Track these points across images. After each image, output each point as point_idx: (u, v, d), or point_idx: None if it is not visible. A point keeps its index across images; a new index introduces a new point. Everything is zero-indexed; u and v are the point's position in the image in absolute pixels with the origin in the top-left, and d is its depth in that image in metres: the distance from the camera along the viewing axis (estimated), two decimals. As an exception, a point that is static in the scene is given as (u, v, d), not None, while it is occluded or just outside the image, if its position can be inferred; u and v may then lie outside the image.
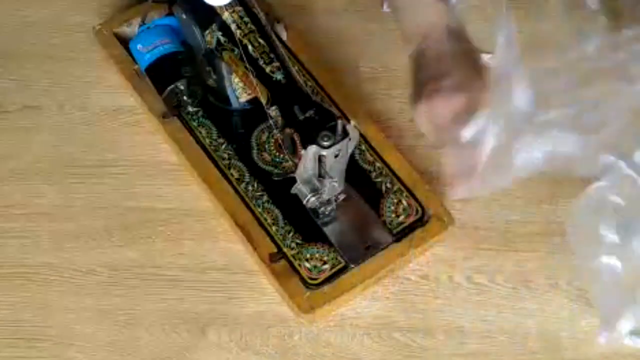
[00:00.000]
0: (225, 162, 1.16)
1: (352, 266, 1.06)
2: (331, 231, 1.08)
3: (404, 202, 1.11)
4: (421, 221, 1.10)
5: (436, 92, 0.96)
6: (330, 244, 1.08)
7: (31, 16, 1.35)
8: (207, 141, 1.18)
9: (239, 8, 1.05)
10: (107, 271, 1.11)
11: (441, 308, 1.07)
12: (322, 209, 1.07)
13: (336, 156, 0.99)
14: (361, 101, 1.23)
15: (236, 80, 1.16)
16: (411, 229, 1.09)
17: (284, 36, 1.25)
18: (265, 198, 1.13)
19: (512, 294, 1.09)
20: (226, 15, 1.05)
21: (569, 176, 1.08)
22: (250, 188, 1.14)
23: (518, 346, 1.05)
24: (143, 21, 1.22)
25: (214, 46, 1.10)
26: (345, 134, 0.97)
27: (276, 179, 1.14)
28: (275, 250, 1.08)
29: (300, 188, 1.04)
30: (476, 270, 1.10)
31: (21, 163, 1.20)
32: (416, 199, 1.11)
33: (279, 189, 1.11)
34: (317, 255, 1.08)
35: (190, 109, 1.19)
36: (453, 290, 1.08)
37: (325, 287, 1.05)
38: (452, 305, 1.08)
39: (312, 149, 0.97)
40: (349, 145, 0.99)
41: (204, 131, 1.19)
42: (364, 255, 1.06)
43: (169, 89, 1.16)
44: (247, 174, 1.15)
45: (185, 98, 1.18)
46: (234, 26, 1.05)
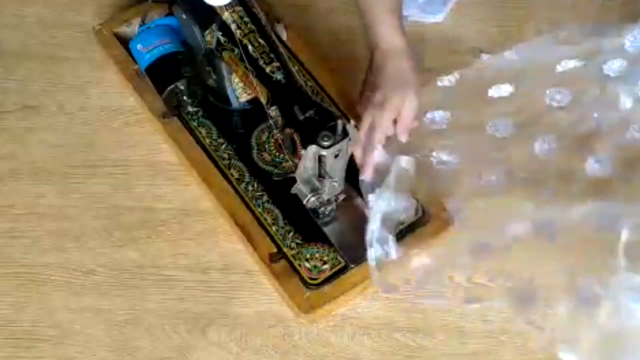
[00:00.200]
0: (225, 162, 1.16)
1: (352, 266, 1.06)
2: (331, 231, 1.08)
3: (404, 202, 1.11)
4: (421, 221, 1.10)
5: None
6: (330, 244, 1.08)
7: (31, 16, 1.35)
8: (207, 141, 1.18)
9: (239, 8, 1.05)
10: (107, 271, 1.11)
11: (441, 308, 1.07)
12: (322, 209, 1.07)
13: (336, 156, 0.99)
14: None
15: (236, 80, 1.16)
16: (411, 229, 1.09)
17: (284, 36, 1.25)
18: (265, 198, 1.12)
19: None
20: (226, 15, 1.05)
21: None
22: (250, 188, 1.13)
23: (518, 346, 1.05)
24: (143, 21, 1.22)
25: (214, 46, 1.10)
26: (345, 134, 0.97)
27: (276, 179, 1.14)
28: (275, 250, 1.08)
29: (300, 188, 1.04)
30: (476, 270, 1.10)
31: (21, 163, 1.20)
32: (416, 199, 1.11)
33: (279, 189, 1.11)
34: (317, 255, 1.08)
35: (190, 109, 1.19)
36: (453, 290, 1.08)
37: (325, 287, 1.05)
38: (452, 305, 1.08)
39: (312, 149, 0.97)
40: (349, 145, 0.99)
41: (204, 131, 1.18)
42: (363, 255, 1.06)
43: (169, 89, 1.16)
44: (247, 174, 1.15)
45: (185, 98, 1.18)
46: (234, 26, 1.05)
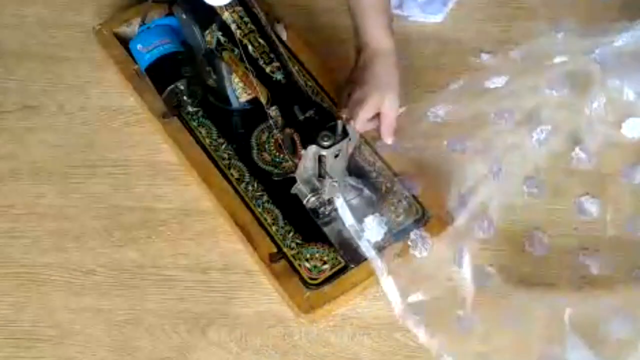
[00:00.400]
0: (225, 162, 1.16)
1: (352, 266, 1.06)
2: (331, 231, 1.08)
3: (404, 202, 1.11)
4: (421, 221, 1.10)
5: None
6: (330, 244, 1.08)
7: (31, 16, 1.35)
8: (207, 141, 1.17)
9: (239, 8, 1.05)
10: (107, 271, 1.11)
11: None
12: (322, 209, 1.07)
13: (336, 156, 0.99)
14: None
15: (236, 80, 1.16)
16: (411, 229, 1.09)
17: (284, 36, 1.25)
18: (265, 198, 1.12)
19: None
20: (226, 15, 1.05)
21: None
22: (250, 188, 1.13)
23: (519, 346, 1.04)
24: (143, 21, 1.22)
25: (214, 46, 1.10)
26: (345, 134, 0.97)
27: (276, 179, 1.14)
28: (275, 250, 1.08)
29: (300, 188, 1.04)
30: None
31: (21, 163, 1.20)
32: (416, 199, 1.11)
33: (279, 189, 1.11)
34: (317, 255, 1.08)
35: (190, 109, 1.19)
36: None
37: (325, 287, 1.05)
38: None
39: (312, 149, 0.97)
40: (349, 145, 0.99)
41: (204, 131, 1.18)
42: (363, 255, 1.06)
43: (169, 89, 1.16)
44: (247, 174, 1.15)
45: (185, 98, 1.18)
46: (234, 26, 1.05)
